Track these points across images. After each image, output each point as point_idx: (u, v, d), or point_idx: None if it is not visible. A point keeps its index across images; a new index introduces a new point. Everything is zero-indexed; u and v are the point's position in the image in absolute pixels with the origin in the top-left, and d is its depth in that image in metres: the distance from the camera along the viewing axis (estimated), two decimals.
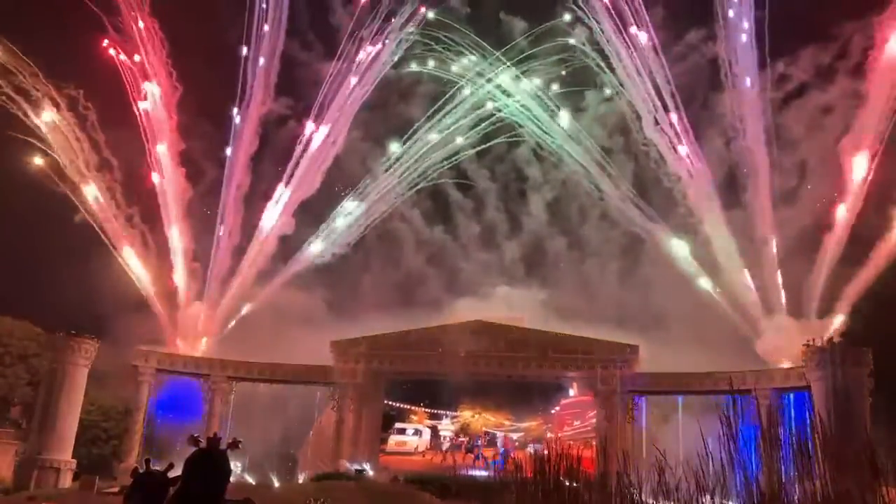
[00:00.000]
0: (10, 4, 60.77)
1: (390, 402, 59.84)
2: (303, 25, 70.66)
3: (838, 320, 51.46)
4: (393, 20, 68.26)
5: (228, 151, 65.50)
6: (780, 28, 59.40)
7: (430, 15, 68.65)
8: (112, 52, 62.29)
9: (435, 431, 59.56)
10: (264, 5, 67.31)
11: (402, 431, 59.38)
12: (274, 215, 64.70)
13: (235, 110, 66.04)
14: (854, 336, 48.75)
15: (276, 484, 46.87)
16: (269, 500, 35.10)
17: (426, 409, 60.03)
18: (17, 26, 58.38)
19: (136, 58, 63.21)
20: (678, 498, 17.95)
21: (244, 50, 66.40)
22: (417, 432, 59.60)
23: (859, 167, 53.95)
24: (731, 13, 60.42)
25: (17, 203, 58.61)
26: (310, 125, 66.80)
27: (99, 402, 56.47)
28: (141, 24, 63.38)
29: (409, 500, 41.58)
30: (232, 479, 9.39)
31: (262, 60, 66.80)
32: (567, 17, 66.38)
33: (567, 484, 20.73)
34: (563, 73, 67.20)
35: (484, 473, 49.89)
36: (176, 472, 5.75)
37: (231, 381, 57.14)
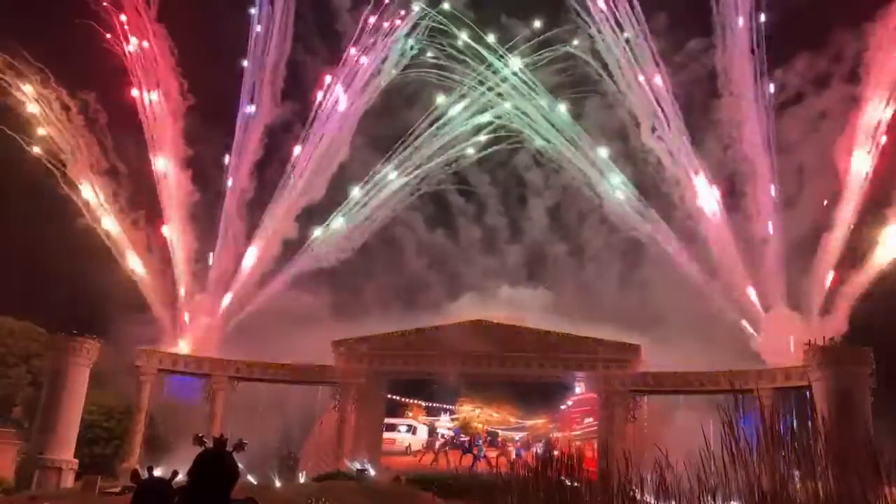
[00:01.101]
0: (14, 8, 60.90)
1: (384, 395, 57.55)
2: (308, 31, 70.97)
3: (839, 319, 51.43)
4: (397, 27, 68.43)
5: (233, 154, 65.66)
6: (778, 35, 59.97)
7: (434, 22, 68.68)
8: (117, 53, 62.65)
9: (432, 429, 57.29)
10: (270, 11, 67.60)
11: (392, 428, 56.89)
12: (277, 219, 64.70)
13: (240, 114, 66.29)
14: (855, 335, 48.79)
15: (278, 484, 46.79)
16: (270, 499, 35.12)
17: (423, 403, 57.35)
18: (22, 30, 58.47)
19: (138, 51, 63.47)
20: (680, 497, 17.97)
21: (249, 55, 66.99)
22: (411, 429, 56.95)
23: (857, 167, 54.12)
24: (728, 21, 60.71)
25: (20, 203, 58.71)
26: (313, 130, 66.89)
27: (100, 402, 56.40)
28: (149, 43, 63.77)
29: (410, 500, 41.57)
30: None
31: (267, 66, 67.07)
32: (568, 24, 66.52)
33: (569, 484, 20.76)
34: (564, 78, 67.27)
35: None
36: (179, 478, 5.74)
37: (233, 381, 57.12)
